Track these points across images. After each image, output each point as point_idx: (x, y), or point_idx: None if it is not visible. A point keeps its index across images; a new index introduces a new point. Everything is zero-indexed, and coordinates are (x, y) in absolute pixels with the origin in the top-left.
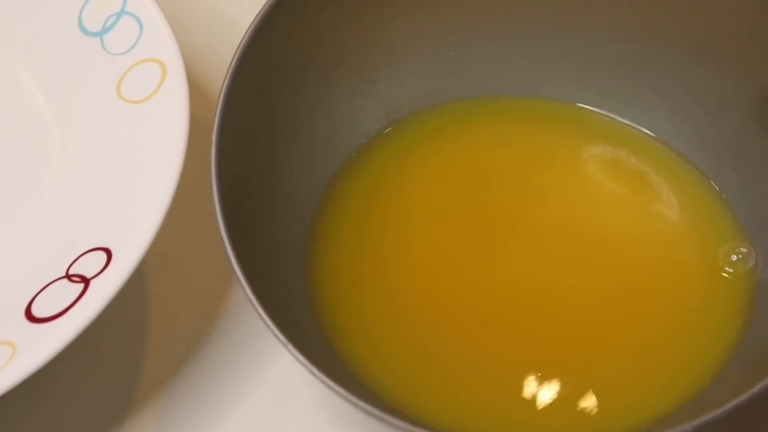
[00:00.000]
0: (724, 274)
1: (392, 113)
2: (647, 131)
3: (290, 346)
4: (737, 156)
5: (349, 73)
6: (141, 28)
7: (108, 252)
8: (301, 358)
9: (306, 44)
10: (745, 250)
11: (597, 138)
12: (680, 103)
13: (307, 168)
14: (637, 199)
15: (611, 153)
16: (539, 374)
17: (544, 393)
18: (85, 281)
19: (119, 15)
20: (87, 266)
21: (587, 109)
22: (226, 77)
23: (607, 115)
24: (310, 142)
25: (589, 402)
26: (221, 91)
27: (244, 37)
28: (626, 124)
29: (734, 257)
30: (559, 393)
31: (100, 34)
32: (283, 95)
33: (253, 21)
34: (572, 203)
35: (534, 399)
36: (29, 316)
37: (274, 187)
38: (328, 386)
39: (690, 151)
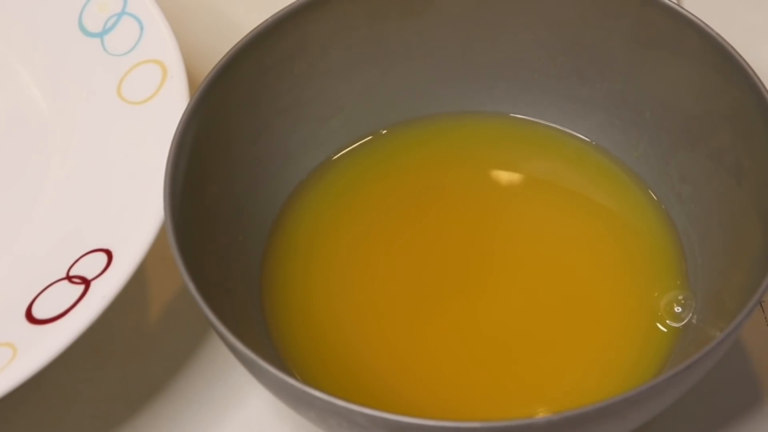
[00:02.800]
0: (664, 327)
1: (340, 138)
2: (586, 138)
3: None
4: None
5: (296, 116)
6: (141, 28)
7: (108, 253)
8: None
9: (248, 91)
10: (685, 300)
11: (546, 153)
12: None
13: (262, 189)
14: (585, 226)
15: (556, 169)
16: (482, 399)
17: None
18: (86, 282)
19: (120, 16)
20: (88, 267)
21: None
22: (179, 124)
23: (570, 133)
24: (266, 163)
25: None
26: (174, 137)
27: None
28: (578, 136)
29: (677, 308)
30: None
31: (101, 35)
32: (236, 122)
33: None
34: (523, 229)
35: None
36: (30, 317)
37: (228, 215)
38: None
39: (641, 169)
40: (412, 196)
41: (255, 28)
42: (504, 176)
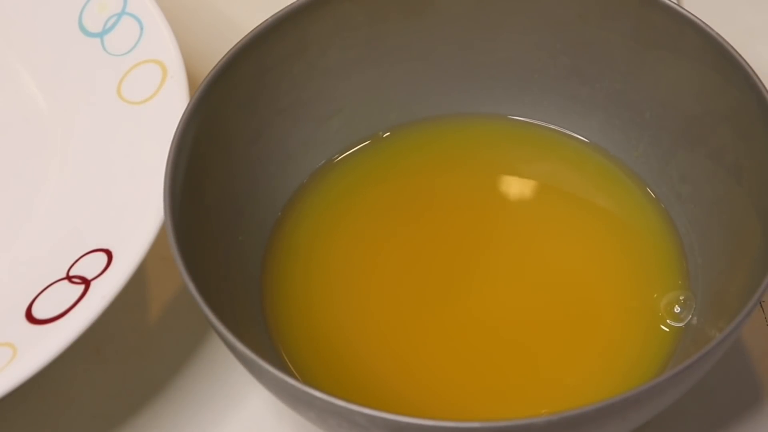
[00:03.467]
0: (665, 327)
1: (340, 139)
2: (586, 139)
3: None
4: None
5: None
6: (141, 28)
7: (108, 253)
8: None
9: (250, 92)
10: (686, 300)
11: (546, 154)
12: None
13: (263, 190)
14: (585, 226)
15: (556, 170)
16: (482, 399)
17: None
18: (86, 282)
19: (120, 16)
20: (88, 267)
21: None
22: (179, 124)
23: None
24: (264, 166)
25: None
26: (174, 137)
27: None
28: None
29: (677, 308)
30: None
31: (101, 35)
32: (236, 122)
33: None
34: (523, 231)
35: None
36: (30, 317)
37: (228, 215)
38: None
39: (639, 167)
40: (413, 198)
41: (255, 28)
42: (504, 178)
